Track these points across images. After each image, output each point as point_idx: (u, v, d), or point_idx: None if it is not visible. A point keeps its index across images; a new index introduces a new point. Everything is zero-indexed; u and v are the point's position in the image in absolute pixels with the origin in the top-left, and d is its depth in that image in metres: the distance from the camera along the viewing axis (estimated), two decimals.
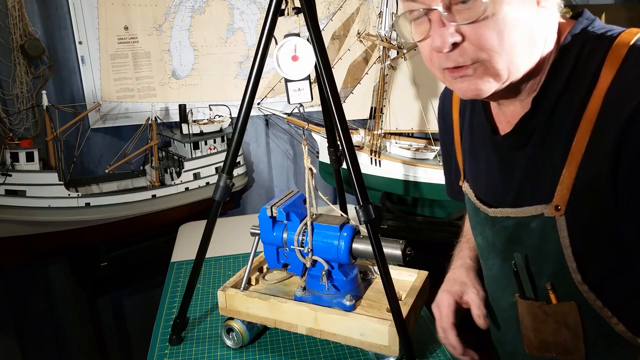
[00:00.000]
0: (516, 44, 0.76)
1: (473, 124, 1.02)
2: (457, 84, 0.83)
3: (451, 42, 0.76)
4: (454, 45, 0.77)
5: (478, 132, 1.00)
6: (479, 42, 0.76)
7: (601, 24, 0.84)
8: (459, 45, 0.77)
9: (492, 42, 0.75)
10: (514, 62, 0.78)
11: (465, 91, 0.82)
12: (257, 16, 3.06)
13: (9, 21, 2.58)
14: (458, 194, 1.16)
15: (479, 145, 1.01)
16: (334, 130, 1.25)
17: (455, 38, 0.76)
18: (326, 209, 1.38)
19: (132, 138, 2.88)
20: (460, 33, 0.76)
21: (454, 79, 0.82)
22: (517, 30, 0.76)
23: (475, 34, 0.75)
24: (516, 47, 0.77)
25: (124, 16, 2.84)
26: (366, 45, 3.12)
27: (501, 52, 0.76)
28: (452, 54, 0.78)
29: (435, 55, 0.81)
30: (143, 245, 2.90)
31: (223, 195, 1.29)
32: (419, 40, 0.83)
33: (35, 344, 2.88)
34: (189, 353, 1.35)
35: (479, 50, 0.76)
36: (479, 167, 1.02)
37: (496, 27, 0.74)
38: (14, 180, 2.49)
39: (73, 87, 2.84)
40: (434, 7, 0.76)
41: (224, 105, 3.07)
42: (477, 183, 1.04)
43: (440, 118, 1.18)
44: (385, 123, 3.06)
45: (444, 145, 1.21)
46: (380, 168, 3.06)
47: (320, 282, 1.28)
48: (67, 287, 2.90)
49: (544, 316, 0.91)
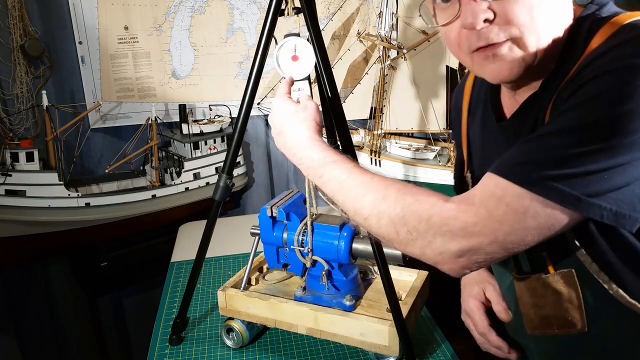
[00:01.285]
0: (544, 21, 0.78)
1: (486, 116, 1.02)
2: (488, 65, 0.83)
3: (483, 17, 0.77)
4: (485, 22, 0.78)
5: (489, 122, 1.00)
6: (510, 17, 0.77)
7: (612, 8, 0.84)
8: (491, 23, 0.78)
9: (524, 17, 0.77)
10: (542, 39, 0.79)
11: (498, 72, 0.83)
12: (257, 16, 3.06)
13: (9, 21, 2.58)
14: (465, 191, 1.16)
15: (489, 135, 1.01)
16: (334, 130, 1.25)
17: (488, 14, 0.77)
18: (326, 209, 1.38)
19: (132, 138, 2.88)
20: (492, 10, 0.77)
21: (486, 58, 0.82)
22: (546, 10, 0.78)
23: (506, 10, 0.77)
24: (544, 24, 0.78)
25: (124, 16, 2.84)
26: (366, 45, 3.12)
27: (531, 27, 0.78)
28: (483, 32, 0.79)
29: (465, 37, 0.82)
30: (143, 245, 2.90)
31: (223, 195, 1.30)
32: (447, 23, 0.83)
33: (35, 344, 2.88)
34: (189, 353, 1.35)
35: (511, 25, 0.77)
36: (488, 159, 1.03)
37: (526, 4, 0.76)
38: (14, 180, 2.49)
39: (73, 87, 2.84)
40: None
41: (224, 105, 3.07)
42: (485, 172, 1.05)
43: (454, 113, 1.19)
44: (385, 123, 3.07)
45: (455, 138, 1.21)
46: (380, 168, 3.06)
47: (320, 282, 1.28)
48: (67, 287, 2.90)
49: (542, 289, 0.91)
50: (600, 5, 0.85)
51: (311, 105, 1.06)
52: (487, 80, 0.88)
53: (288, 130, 1.01)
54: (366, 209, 0.85)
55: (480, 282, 1.16)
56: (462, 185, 1.15)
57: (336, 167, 0.92)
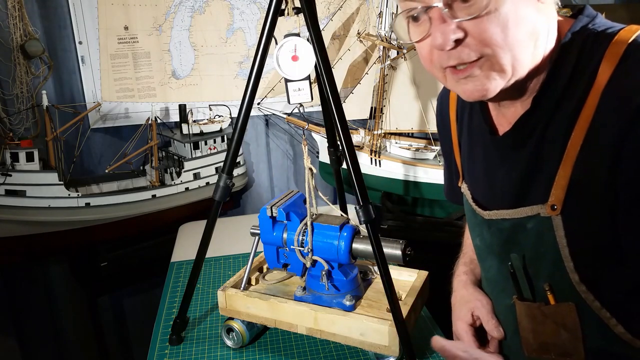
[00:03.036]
0: (520, 40, 0.75)
1: (472, 126, 1.01)
2: (461, 85, 0.81)
3: (453, 38, 0.74)
4: (456, 42, 0.75)
5: (477, 133, 0.99)
6: (482, 37, 0.74)
7: (603, 21, 0.82)
8: (462, 42, 0.75)
9: (496, 36, 0.74)
10: (518, 58, 0.76)
11: (472, 92, 0.80)
12: (257, 16, 3.06)
13: (9, 21, 2.58)
14: (457, 196, 1.15)
15: (478, 147, 1.00)
16: (334, 130, 1.25)
17: (457, 34, 0.74)
18: (326, 209, 1.38)
19: (132, 138, 2.88)
20: (462, 29, 0.74)
21: (458, 80, 0.80)
22: (520, 26, 0.74)
23: (478, 29, 0.74)
24: (520, 42, 0.75)
25: (124, 16, 2.85)
26: (366, 45, 3.12)
27: (505, 47, 0.74)
28: (454, 52, 0.76)
29: (436, 55, 0.79)
30: (143, 245, 2.91)
31: (223, 195, 1.29)
32: (418, 40, 0.80)
33: (35, 344, 2.88)
34: (189, 353, 1.35)
35: (483, 45, 0.75)
36: (477, 169, 1.02)
37: (499, 22, 0.73)
38: (14, 180, 2.49)
39: (73, 87, 2.84)
40: (434, 5, 0.75)
41: (224, 105, 3.07)
42: (475, 185, 1.04)
43: (439, 119, 1.17)
44: (385, 123, 3.07)
45: (444, 146, 1.20)
46: (380, 168, 3.06)
47: (320, 282, 1.28)
48: (67, 287, 2.90)
49: (542, 317, 0.91)
50: (591, 17, 0.82)
51: None
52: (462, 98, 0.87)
53: None
54: None
55: (469, 301, 1.13)
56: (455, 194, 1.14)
57: None
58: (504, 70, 0.77)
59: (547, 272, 0.88)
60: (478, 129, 0.97)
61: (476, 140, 1.00)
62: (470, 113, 1.00)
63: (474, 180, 1.03)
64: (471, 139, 1.02)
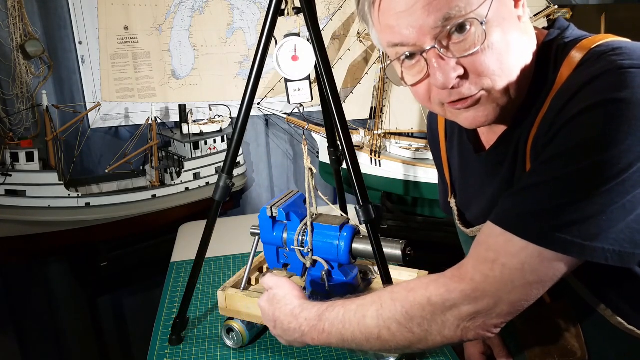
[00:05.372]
0: (513, 65, 0.76)
1: (463, 144, 1.01)
2: (462, 114, 0.81)
3: (455, 76, 0.74)
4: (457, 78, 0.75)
5: (468, 151, 0.99)
6: (481, 69, 0.74)
7: (573, 31, 0.82)
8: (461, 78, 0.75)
9: (493, 67, 0.74)
10: (513, 82, 0.77)
11: (473, 120, 0.81)
12: (257, 16, 3.06)
13: (9, 21, 2.58)
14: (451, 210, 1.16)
15: (468, 165, 1.01)
16: (334, 130, 1.25)
17: (459, 71, 0.74)
18: (326, 209, 1.38)
19: (132, 138, 2.88)
20: (461, 65, 0.75)
21: (459, 111, 0.80)
22: (510, 51, 0.76)
23: (474, 62, 0.74)
24: (513, 67, 0.77)
25: (124, 16, 2.85)
26: (366, 45, 3.12)
27: (502, 75, 0.75)
28: (455, 89, 0.76)
29: (435, 92, 0.79)
30: (143, 245, 2.91)
31: (223, 195, 1.29)
32: (415, 83, 0.80)
33: (35, 344, 2.88)
34: (189, 353, 1.35)
35: (482, 77, 0.75)
36: (468, 186, 1.02)
37: (494, 52, 0.74)
38: (14, 180, 2.49)
39: (73, 87, 2.84)
40: (429, 47, 0.75)
41: (224, 105, 3.07)
42: (467, 201, 1.04)
43: (429, 135, 1.18)
44: (385, 123, 3.07)
45: (436, 160, 1.20)
46: (380, 168, 3.06)
47: (320, 282, 1.28)
48: (67, 287, 2.90)
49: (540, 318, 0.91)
50: (562, 29, 0.83)
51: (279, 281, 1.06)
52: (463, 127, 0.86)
53: (279, 315, 1.00)
54: (373, 327, 0.83)
55: None
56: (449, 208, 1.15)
57: (331, 311, 0.90)
58: (503, 96, 0.78)
59: None
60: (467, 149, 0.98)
61: (467, 158, 1.00)
62: (460, 131, 1.01)
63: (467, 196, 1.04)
64: (462, 157, 1.02)
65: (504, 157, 0.87)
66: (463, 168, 1.03)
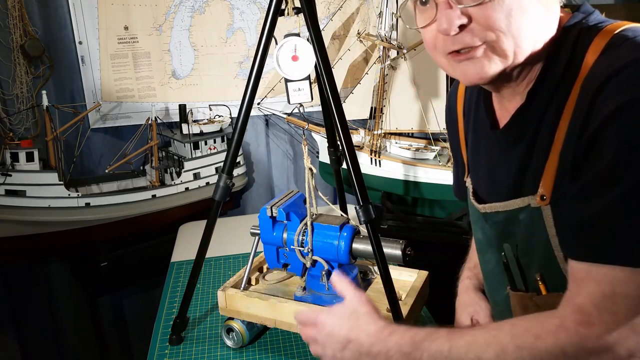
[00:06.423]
0: (522, 28, 0.77)
1: (477, 122, 1.03)
2: (461, 67, 0.82)
3: (458, 24, 0.77)
4: (460, 27, 0.77)
5: (481, 128, 1.01)
6: (486, 22, 0.76)
7: (597, 17, 0.84)
8: (466, 28, 0.78)
9: (500, 22, 0.76)
10: (519, 45, 0.78)
11: (472, 74, 0.82)
12: (257, 16, 3.06)
13: (9, 21, 2.58)
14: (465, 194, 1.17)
15: (481, 141, 1.02)
16: (334, 130, 1.25)
17: (462, 20, 0.77)
18: (326, 209, 1.38)
19: (132, 138, 2.88)
20: (467, 15, 0.77)
21: (459, 62, 0.82)
22: (523, 14, 0.77)
23: (482, 15, 0.76)
24: (522, 30, 0.78)
25: (124, 16, 2.85)
26: (366, 45, 3.12)
27: (508, 33, 0.77)
28: (458, 37, 0.78)
29: (441, 40, 0.82)
30: (143, 245, 2.91)
31: (223, 195, 1.30)
32: (424, 26, 0.83)
33: (35, 344, 2.88)
34: (189, 353, 1.35)
35: (487, 30, 0.77)
36: (480, 163, 1.03)
37: (503, 9, 0.76)
38: (14, 180, 2.49)
39: (73, 87, 2.84)
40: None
41: (224, 105, 3.07)
42: (478, 179, 1.05)
43: (447, 116, 1.19)
44: (385, 123, 3.07)
45: (452, 142, 1.21)
46: (380, 168, 3.06)
47: (320, 282, 1.28)
48: (67, 287, 2.90)
49: (535, 308, 0.92)
50: (587, 13, 0.84)
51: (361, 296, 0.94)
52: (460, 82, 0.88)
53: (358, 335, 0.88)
54: None
55: (469, 305, 1.16)
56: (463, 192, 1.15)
57: (432, 342, 0.81)
58: (505, 56, 0.79)
59: (539, 262, 0.90)
60: (482, 123, 1.00)
61: (480, 135, 1.02)
62: (477, 109, 1.02)
63: (477, 174, 1.05)
64: (476, 134, 1.04)
65: (521, 137, 0.87)
66: (476, 145, 1.04)
